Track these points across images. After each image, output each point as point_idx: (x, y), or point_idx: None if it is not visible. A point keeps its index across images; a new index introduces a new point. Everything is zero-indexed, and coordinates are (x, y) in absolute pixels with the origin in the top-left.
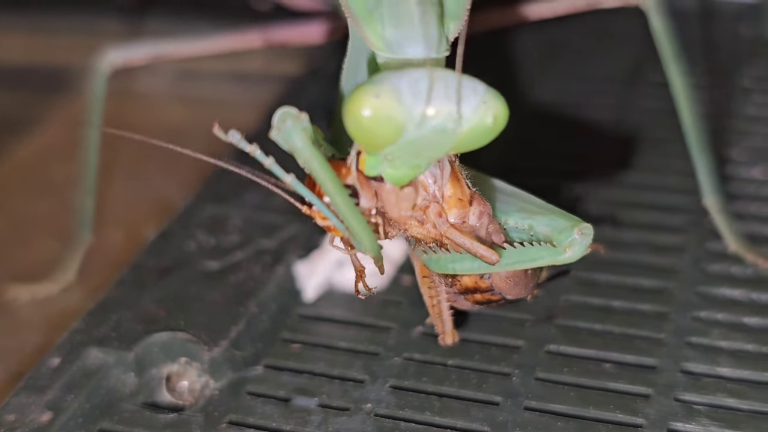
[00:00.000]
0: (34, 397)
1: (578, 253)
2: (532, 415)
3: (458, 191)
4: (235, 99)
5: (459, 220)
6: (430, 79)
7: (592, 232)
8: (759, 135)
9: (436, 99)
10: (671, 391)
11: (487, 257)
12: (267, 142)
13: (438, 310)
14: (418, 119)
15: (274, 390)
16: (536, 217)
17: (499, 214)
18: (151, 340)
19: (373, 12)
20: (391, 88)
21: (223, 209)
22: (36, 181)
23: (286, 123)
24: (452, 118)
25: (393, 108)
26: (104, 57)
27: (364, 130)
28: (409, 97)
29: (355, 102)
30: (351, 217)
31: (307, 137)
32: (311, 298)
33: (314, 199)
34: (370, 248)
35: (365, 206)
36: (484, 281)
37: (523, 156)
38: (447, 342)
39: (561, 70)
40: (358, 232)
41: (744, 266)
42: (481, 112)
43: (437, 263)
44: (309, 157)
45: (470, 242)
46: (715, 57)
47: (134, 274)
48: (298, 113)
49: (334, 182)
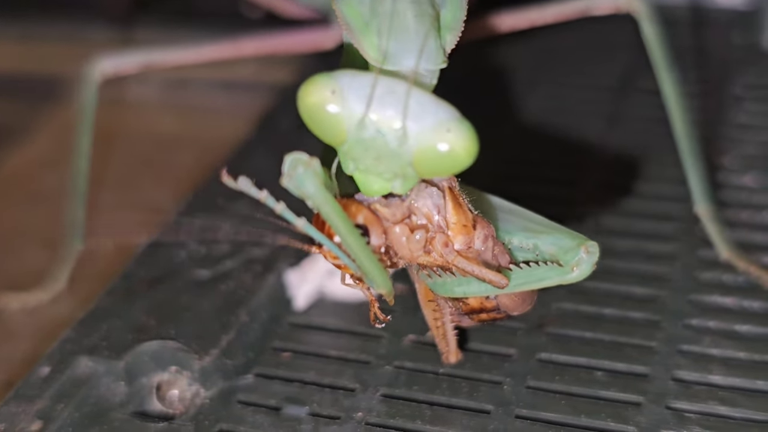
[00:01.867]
0: (24, 406)
1: (586, 271)
2: (523, 423)
3: (462, 218)
4: (226, 108)
5: (464, 246)
6: (378, 85)
7: (599, 250)
8: (751, 143)
9: (378, 105)
10: (663, 399)
11: (496, 282)
12: (259, 150)
13: (442, 331)
14: (357, 119)
15: (265, 399)
16: (541, 236)
17: (502, 234)
18: (142, 349)
19: (369, 23)
20: (335, 83)
21: (214, 218)
22: (26, 189)
23: (298, 170)
24: (393, 129)
25: (331, 100)
26: (95, 66)
27: (307, 117)
28: (352, 96)
29: (301, 88)
30: (363, 257)
31: (320, 183)
32: (302, 307)
33: (325, 240)
34: (383, 285)
35: (375, 244)
36: (491, 301)
37: (514, 165)
38: (451, 361)
39: (552, 79)
40: (371, 271)
41: (736, 274)
42: (435, 135)
43: (443, 287)
44: (322, 202)
45: (478, 269)
46: (708, 65)
47: (125, 283)
48: (309, 159)
49: (346, 224)
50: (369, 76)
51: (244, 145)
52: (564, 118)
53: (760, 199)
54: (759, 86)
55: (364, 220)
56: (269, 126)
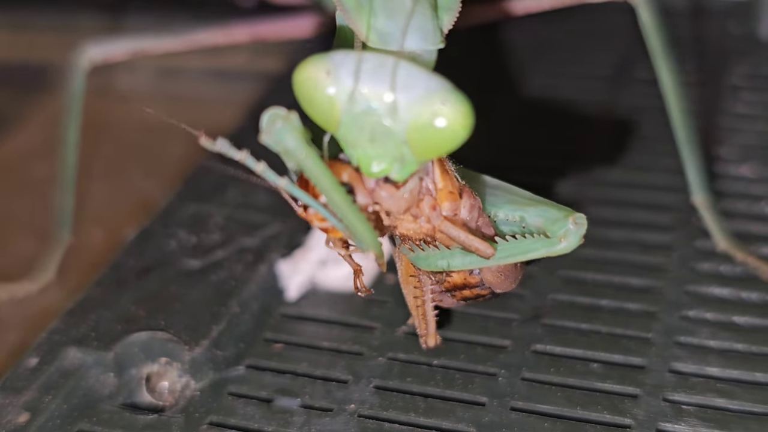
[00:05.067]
0: (11, 398)
1: (573, 243)
2: (518, 415)
3: (448, 184)
4: (217, 96)
5: (450, 213)
6: (366, 60)
7: (586, 222)
8: (748, 132)
9: (366, 78)
10: (660, 391)
11: (482, 250)
12: (252, 139)
13: (422, 311)
14: (348, 95)
15: (256, 390)
16: (527, 208)
17: (488, 207)
18: (131, 339)
19: (363, 4)
20: (329, 63)
21: (204, 207)
22: (15, 179)
23: (276, 124)
24: (384, 102)
25: (323, 80)
26: (83, 53)
27: (303, 99)
28: (343, 74)
29: (296, 70)
30: (351, 214)
31: (300, 137)
32: (294, 298)
33: (310, 200)
34: (372, 244)
35: (362, 203)
36: (474, 277)
37: (509, 153)
38: (429, 344)
39: (549, 67)
40: (359, 229)
41: (733, 265)
42: (428, 107)
43: (426, 261)
44: (303, 157)
45: (465, 235)
46: (705, 54)
47: (114, 274)
48: (287, 113)
49: (331, 180)
50: (361, 53)
51: (236, 133)
52: (560, 107)
53: (758, 190)
54: (756, 76)
55: (349, 178)
56: (260, 114)
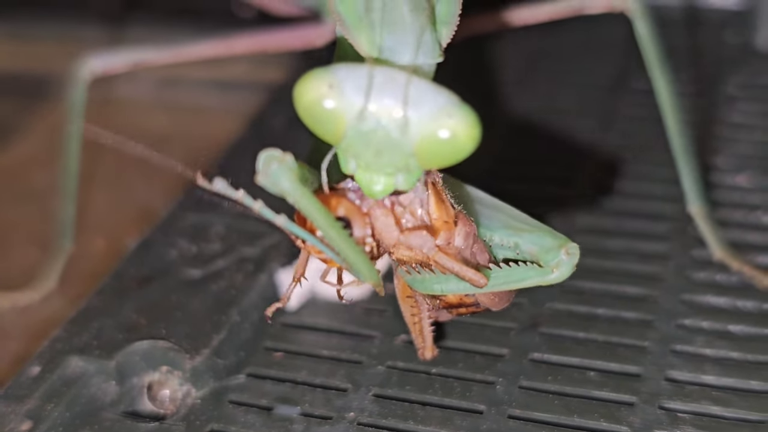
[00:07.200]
0: (13, 406)
1: (565, 273)
2: (516, 423)
3: (443, 213)
4: (217, 106)
5: (445, 242)
6: (375, 75)
7: (579, 252)
8: (744, 142)
9: (377, 95)
10: (656, 399)
11: (475, 281)
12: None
13: (419, 327)
14: (357, 112)
15: (257, 399)
16: (522, 234)
17: (483, 230)
18: (132, 348)
19: (363, 18)
20: (332, 77)
21: (205, 217)
22: (17, 188)
23: (272, 166)
24: (393, 119)
25: (328, 95)
26: (84, 64)
27: (305, 114)
28: (350, 88)
29: (297, 84)
30: (348, 249)
31: (295, 178)
32: (294, 307)
33: (308, 236)
34: (369, 276)
35: (359, 235)
36: (469, 297)
37: (506, 164)
38: (427, 357)
39: (545, 78)
40: (356, 262)
41: (729, 274)
42: (437, 121)
43: (422, 284)
44: (299, 197)
45: (458, 267)
46: (701, 64)
47: (115, 282)
48: (282, 155)
49: (327, 219)
50: (366, 67)
51: (236, 143)
52: (556, 117)
53: (754, 199)
54: (752, 86)
55: (346, 212)
56: (261, 125)
